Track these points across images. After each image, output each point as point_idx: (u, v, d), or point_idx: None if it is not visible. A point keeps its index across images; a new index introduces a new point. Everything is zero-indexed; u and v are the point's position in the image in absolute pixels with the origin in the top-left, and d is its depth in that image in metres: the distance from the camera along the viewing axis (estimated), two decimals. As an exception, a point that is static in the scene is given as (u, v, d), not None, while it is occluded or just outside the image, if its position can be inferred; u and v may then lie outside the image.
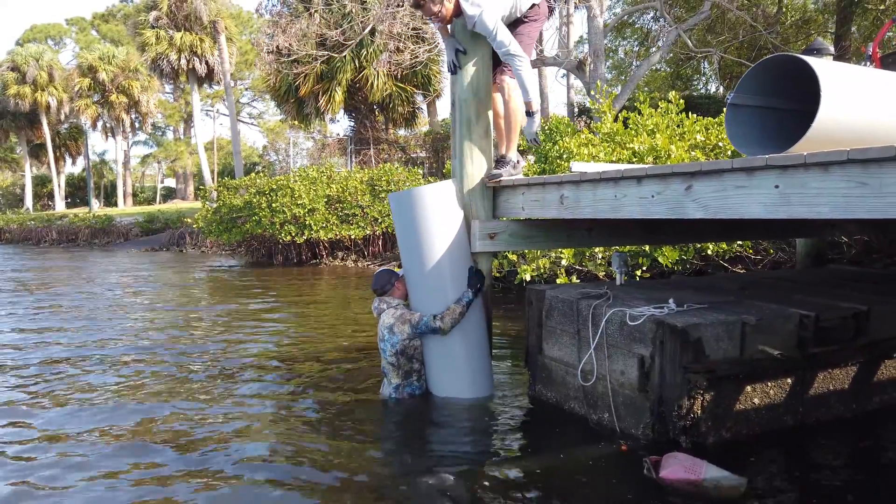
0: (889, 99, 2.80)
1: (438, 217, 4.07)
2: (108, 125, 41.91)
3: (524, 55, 4.00)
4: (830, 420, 3.65)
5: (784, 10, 17.62)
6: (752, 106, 3.00)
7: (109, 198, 50.45)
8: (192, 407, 4.22)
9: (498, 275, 8.56)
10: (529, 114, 4.17)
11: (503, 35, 3.94)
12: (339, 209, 14.47)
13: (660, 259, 7.09)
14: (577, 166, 3.80)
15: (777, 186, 2.53)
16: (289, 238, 14.49)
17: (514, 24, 4.22)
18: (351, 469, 3.23)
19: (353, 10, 15.86)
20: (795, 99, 2.96)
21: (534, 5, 4.23)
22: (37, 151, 46.65)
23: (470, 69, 4.22)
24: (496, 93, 4.46)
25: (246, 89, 49.62)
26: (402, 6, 13.58)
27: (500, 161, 4.41)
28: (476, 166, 4.28)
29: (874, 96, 2.79)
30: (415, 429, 3.85)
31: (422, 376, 4.17)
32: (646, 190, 3.17)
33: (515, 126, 4.44)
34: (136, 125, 43.25)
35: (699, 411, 3.25)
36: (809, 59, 2.58)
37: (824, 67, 2.59)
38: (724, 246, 7.32)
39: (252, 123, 53.46)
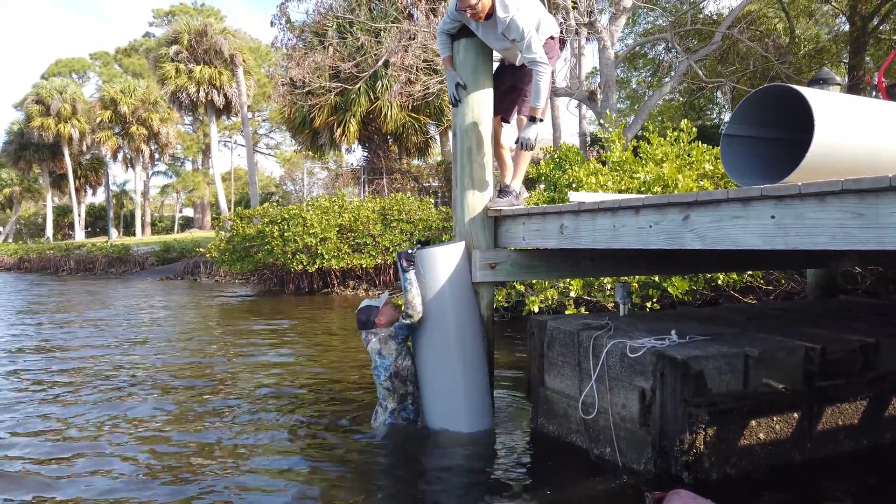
0: (886, 128, 2.77)
1: (446, 279, 4.04)
2: (128, 156, 42.71)
3: (548, 64, 4.03)
4: (840, 456, 3.55)
5: (796, 40, 17.62)
6: (747, 136, 2.98)
7: (129, 227, 51.17)
8: (189, 434, 4.20)
9: (506, 305, 8.50)
10: (534, 119, 4.17)
11: (534, 41, 3.96)
12: (351, 238, 14.50)
13: (669, 290, 6.99)
14: (574, 196, 3.78)
15: (773, 217, 2.50)
16: (300, 267, 14.51)
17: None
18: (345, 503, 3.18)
19: (367, 44, 16.09)
20: (792, 129, 2.94)
21: (551, 37, 4.26)
22: (58, 182, 47.58)
23: (470, 101, 4.25)
24: (500, 126, 4.50)
25: (263, 120, 50.36)
26: (414, 39, 13.77)
27: (503, 191, 4.42)
28: (477, 195, 4.29)
29: (870, 126, 2.75)
30: (410, 463, 3.78)
31: (416, 399, 4.13)
32: (643, 220, 3.14)
33: (525, 160, 4.46)
34: (156, 156, 44.00)
35: (702, 446, 3.16)
36: (802, 90, 2.56)
37: (818, 97, 2.57)
38: (735, 276, 7.22)
39: (269, 154, 54.22)
